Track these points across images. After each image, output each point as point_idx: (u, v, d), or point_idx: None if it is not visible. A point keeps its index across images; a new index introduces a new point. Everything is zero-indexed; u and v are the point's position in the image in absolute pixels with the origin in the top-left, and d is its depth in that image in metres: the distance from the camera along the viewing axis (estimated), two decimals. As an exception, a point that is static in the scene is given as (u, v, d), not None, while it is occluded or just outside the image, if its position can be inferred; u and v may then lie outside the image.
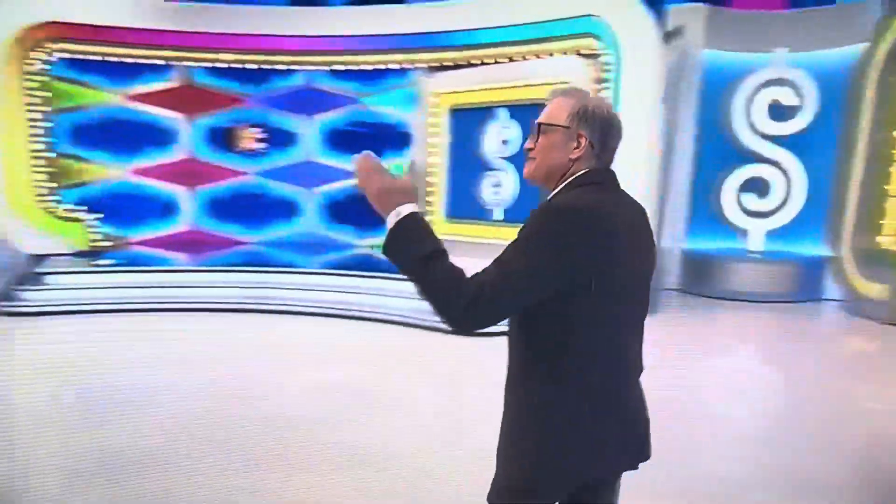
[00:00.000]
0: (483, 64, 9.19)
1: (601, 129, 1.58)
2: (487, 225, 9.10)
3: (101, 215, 9.63)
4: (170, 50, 9.60)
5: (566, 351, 1.52)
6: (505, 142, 8.86)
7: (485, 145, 9.03)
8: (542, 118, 1.65)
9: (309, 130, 10.60)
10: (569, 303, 1.48)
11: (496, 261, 1.47)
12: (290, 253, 9.81)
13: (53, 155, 9.26)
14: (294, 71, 10.33)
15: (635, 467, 1.67)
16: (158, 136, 10.08)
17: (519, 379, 1.63)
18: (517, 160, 8.82)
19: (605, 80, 7.77)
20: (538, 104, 1.79)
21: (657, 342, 3.17)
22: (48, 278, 7.63)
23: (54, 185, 9.29)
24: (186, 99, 10.08)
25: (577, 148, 1.58)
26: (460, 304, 1.39)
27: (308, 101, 10.49)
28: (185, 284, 7.79)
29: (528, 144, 1.68)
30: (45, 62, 9.07)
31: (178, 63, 9.89)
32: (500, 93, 8.78)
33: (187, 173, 10.28)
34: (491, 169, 9.03)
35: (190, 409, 4.57)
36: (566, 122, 1.59)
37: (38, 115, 9.05)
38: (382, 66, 10.13)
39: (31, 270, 7.80)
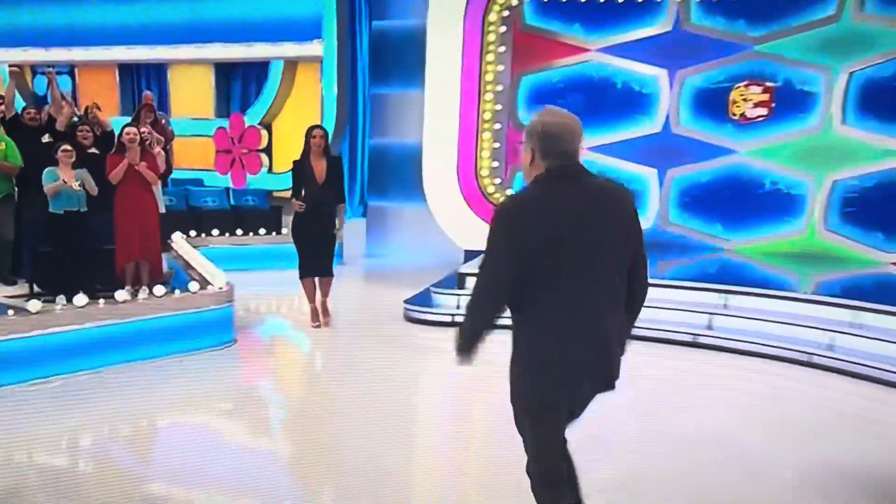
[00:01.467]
0: None
1: (539, 140, 2.08)
2: None
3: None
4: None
5: (525, 301, 2.06)
6: None
7: None
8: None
9: (830, 89, 7.05)
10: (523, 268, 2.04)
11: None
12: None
13: (501, 127, 7.63)
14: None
15: (601, 391, 2.18)
16: (637, 102, 7.71)
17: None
18: None
19: None
20: None
21: None
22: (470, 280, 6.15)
23: (498, 165, 7.69)
24: (674, 49, 7.44)
25: (528, 156, 2.15)
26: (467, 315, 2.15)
27: (830, 43, 6.96)
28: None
29: None
30: (508, 8, 7.35)
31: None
32: None
33: (659, 151, 7.76)
34: None
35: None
36: (524, 139, 2.16)
37: (492, 78, 7.45)
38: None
39: (458, 270, 6.54)
